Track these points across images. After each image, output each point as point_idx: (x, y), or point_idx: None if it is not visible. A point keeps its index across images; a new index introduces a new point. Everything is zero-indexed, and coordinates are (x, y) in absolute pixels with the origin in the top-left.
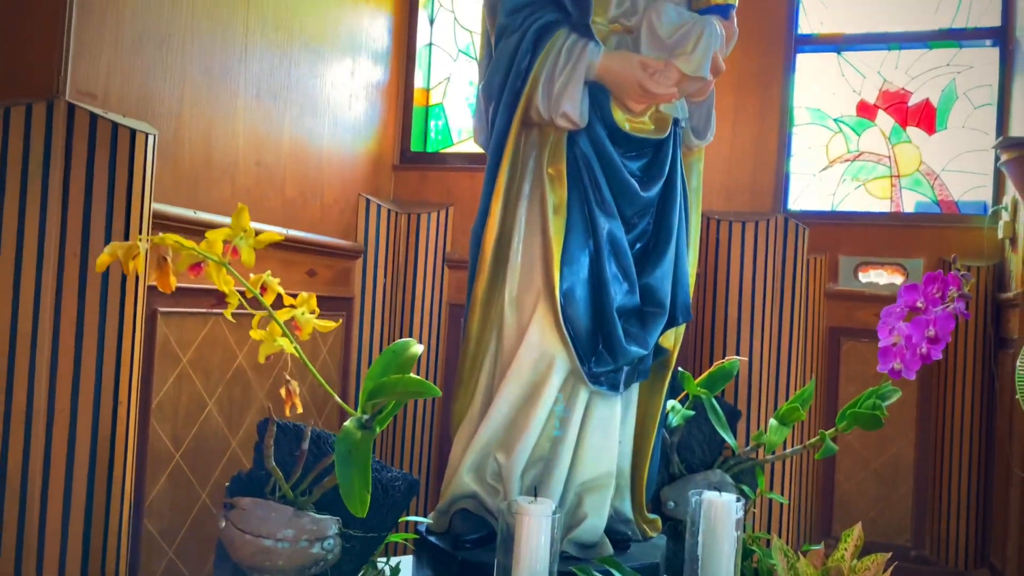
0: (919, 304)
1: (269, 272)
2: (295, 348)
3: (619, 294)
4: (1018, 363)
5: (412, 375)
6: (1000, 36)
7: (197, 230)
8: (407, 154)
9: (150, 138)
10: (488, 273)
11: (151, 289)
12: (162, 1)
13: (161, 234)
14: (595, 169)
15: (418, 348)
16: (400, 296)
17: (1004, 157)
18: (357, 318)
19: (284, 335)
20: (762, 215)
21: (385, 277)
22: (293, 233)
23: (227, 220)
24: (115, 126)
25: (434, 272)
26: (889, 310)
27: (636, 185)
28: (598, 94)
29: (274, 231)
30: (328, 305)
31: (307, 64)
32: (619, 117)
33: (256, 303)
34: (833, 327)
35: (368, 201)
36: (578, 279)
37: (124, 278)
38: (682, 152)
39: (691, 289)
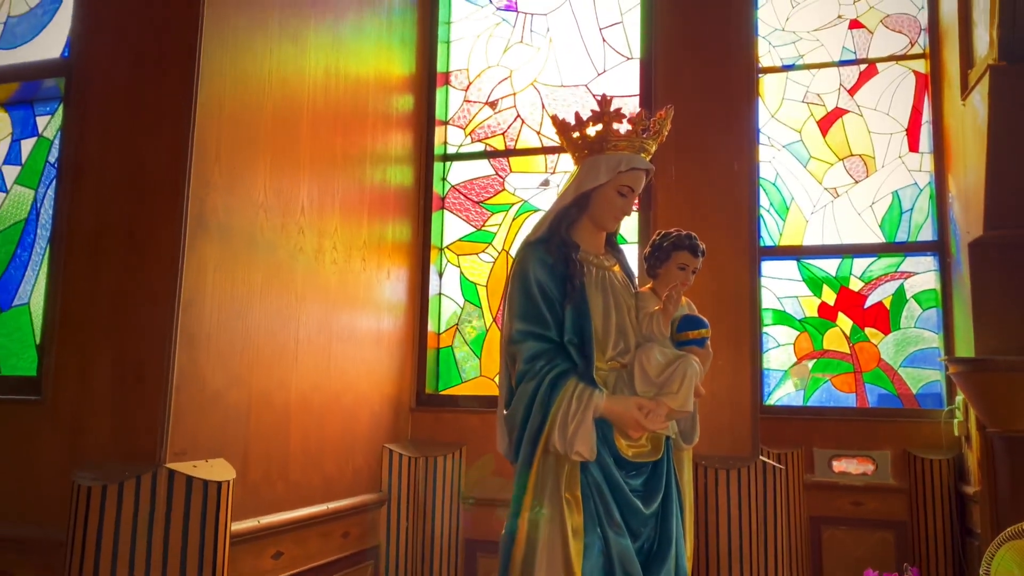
0: None
1: None
2: None
3: None
4: (981, 570)
5: None
6: (938, 249)
7: (262, 537)
8: (422, 396)
9: (231, 483)
10: None
11: None
12: (234, 348)
13: None
14: (606, 494)
15: None
16: (420, 536)
17: (951, 369)
18: (383, 564)
19: None
20: (743, 460)
21: (407, 521)
22: (333, 506)
23: (282, 516)
24: (205, 484)
25: (451, 511)
26: None
27: (640, 504)
28: (603, 426)
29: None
30: (356, 559)
31: (343, 347)
32: (622, 445)
33: None
34: (813, 516)
35: (391, 452)
36: None
37: None
38: (673, 454)
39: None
